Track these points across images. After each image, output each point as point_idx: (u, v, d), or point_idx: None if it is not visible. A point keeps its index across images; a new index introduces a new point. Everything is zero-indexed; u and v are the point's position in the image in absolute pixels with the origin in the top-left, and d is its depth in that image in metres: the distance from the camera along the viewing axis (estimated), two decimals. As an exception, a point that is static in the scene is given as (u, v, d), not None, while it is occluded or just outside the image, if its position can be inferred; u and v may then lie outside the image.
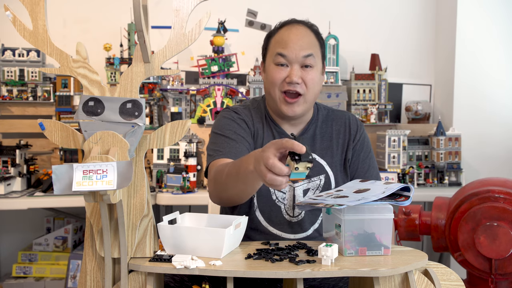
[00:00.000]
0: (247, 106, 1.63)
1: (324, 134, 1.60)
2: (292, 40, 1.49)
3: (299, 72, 1.48)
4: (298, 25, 1.53)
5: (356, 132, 1.61)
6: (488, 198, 2.04)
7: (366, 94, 3.09)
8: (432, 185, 2.85)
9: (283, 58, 1.49)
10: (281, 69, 1.50)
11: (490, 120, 3.04)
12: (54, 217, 3.01)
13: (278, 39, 1.52)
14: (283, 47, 1.49)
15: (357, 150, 1.60)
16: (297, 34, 1.50)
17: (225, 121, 1.56)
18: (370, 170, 1.60)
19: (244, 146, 1.50)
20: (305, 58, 1.48)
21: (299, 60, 1.48)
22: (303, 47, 1.48)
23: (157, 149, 2.57)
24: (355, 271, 1.05)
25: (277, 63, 1.50)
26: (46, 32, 1.06)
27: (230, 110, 1.60)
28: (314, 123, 1.61)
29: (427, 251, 2.96)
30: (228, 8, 3.02)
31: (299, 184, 1.54)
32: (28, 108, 2.90)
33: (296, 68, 1.48)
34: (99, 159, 0.95)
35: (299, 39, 1.49)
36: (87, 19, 3.06)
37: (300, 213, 1.54)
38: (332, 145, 1.59)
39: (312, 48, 1.50)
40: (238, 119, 1.56)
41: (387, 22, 3.28)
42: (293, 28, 1.52)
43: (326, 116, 1.64)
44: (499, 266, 2.00)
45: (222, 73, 2.92)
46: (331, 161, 1.57)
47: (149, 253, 1.11)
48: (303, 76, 1.49)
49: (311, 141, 1.58)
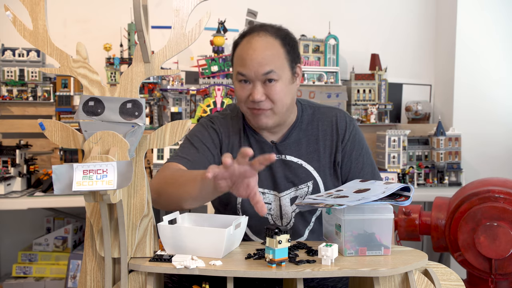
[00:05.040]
0: (227, 115, 1.57)
1: (310, 136, 1.52)
2: (250, 57, 1.39)
3: (261, 89, 1.40)
4: (258, 36, 1.42)
5: (344, 131, 1.52)
6: (488, 198, 2.04)
7: (366, 94, 3.09)
8: (432, 185, 2.85)
9: (243, 76, 1.42)
10: (244, 86, 1.43)
11: (490, 120, 3.04)
12: (54, 217, 3.01)
13: (239, 53, 1.44)
14: (241, 65, 1.41)
15: (348, 151, 1.52)
16: (255, 49, 1.40)
17: (198, 128, 1.55)
18: (364, 169, 1.53)
19: (205, 157, 1.47)
20: (265, 75, 1.40)
21: (260, 77, 1.40)
22: (262, 64, 1.39)
23: (157, 149, 2.57)
24: (355, 271, 1.05)
25: (239, 80, 1.44)
26: (46, 32, 1.06)
27: (208, 118, 1.58)
28: (298, 126, 1.53)
29: (427, 251, 2.96)
30: (228, 8, 3.02)
31: (284, 193, 1.50)
32: (28, 108, 2.90)
33: (258, 86, 1.40)
34: (99, 159, 0.95)
35: (258, 55, 1.39)
36: (87, 19, 3.06)
37: (289, 222, 1.50)
38: (319, 147, 1.51)
39: (273, 61, 1.40)
40: (211, 129, 1.53)
41: (387, 22, 3.28)
42: (252, 40, 1.42)
43: (311, 116, 1.55)
44: (499, 266, 2.00)
45: (222, 73, 2.92)
46: (318, 166, 1.50)
47: (149, 253, 1.11)
48: (267, 92, 1.41)
49: (295, 146, 1.51)
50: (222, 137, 1.53)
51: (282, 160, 1.51)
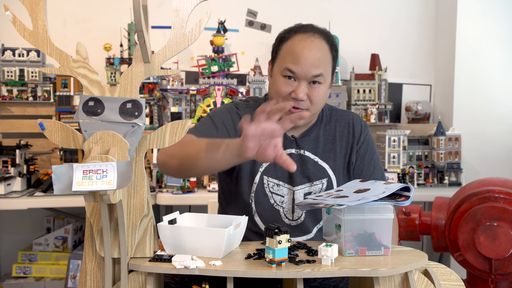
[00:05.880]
0: (250, 105, 1.59)
1: (327, 136, 1.56)
2: (304, 55, 1.41)
3: (305, 89, 1.43)
4: (313, 37, 1.44)
5: (360, 134, 1.57)
6: (488, 198, 2.04)
7: (366, 94, 3.09)
8: (432, 185, 2.85)
9: (291, 73, 1.43)
10: (288, 82, 1.44)
11: (490, 120, 3.04)
12: (54, 217, 3.01)
13: (290, 49, 1.44)
14: (293, 62, 1.42)
15: (362, 153, 1.56)
16: (310, 49, 1.42)
17: (222, 109, 1.55)
18: (375, 173, 1.57)
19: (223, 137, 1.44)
20: (314, 77, 1.42)
21: (308, 78, 1.42)
22: (314, 65, 1.41)
23: (157, 149, 2.56)
24: (355, 271, 1.05)
25: (285, 76, 1.44)
26: (46, 32, 1.06)
27: (234, 104, 1.58)
28: (318, 125, 1.56)
29: (427, 251, 2.96)
30: (228, 8, 3.02)
31: (299, 187, 1.51)
32: (28, 108, 2.90)
33: (303, 85, 1.43)
34: (99, 159, 0.95)
35: (312, 55, 1.41)
36: (87, 19, 3.06)
37: (300, 216, 1.51)
38: (335, 147, 1.55)
39: (323, 66, 1.44)
40: (235, 114, 1.53)
41: (387, 22, 3.28)
42: (308, 40, 1.43)
43: (329, 117, 1.59)
44: (499, 266, 2.00)
45: (222, 73, 2.92)
46: (334, 165, 1.54)
47: (149, 253, 1.11)
48: (310, 93, 1.43)
49: (314, 143, 1.54)
50: None
51: (300, 155, 1.53)
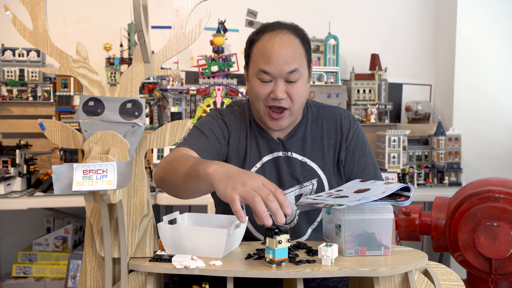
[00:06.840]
0: (234, 110, 1.57)
1: (315, 134, 1.53)
2: (275, 53, 1.38)
3: (283, 87, 1.40)
4: (282, 33, 1.41)
5: (348, 130, 1.53)
6: (488, 198, 2.04)
7: (366, 94, 3.09)
8: (432, 185, 2.85)
9: (266, 74, 1.40)
10: (265, 84, 1.42)
11: (490, 120, 3.04)
12: (54, 217, 3.01)
13: (261, 49, 1.42)
14: (266, 62, 1.39)
15: (351, 150, 1.53)
16: (280, 46, 1.39)
17: (207, 118, 1.55)
18: (367, 168, 1.54)
19: (214, 145, 1.46)
20: (289, 73, 1.39)
21: (284, 75, 1.40)
22: (287, 61, 1.39)
23: (157, 149, 2.57)
24: (355, 271, 1.05)
25: (260, 78, 1.42)
26: (46, 32, 1.06)
27: (217, 111, 1.58)
28: (304, 124, 1.54)
29: (427, 251, 2.96)
30: (228, 8, 3.02)
31: (289, 190, 1.50)
32: (28, 108, 2.90)
33: (280, 84, 1.40)
34: (99, 159, 0.95)
35: (283, 52, 1.38)
36: (87, 19, 3.06)
37: (293, 220, 1.50)
38: (323, 146, 1.52)
39: (297, 60, 1.41)
40: (221, 120, 1.53)
41: (387, 22, 3.28)
42: (276, 37, 1.40)
43: (316, 114, 1.56)
44: (499, 266, 2.00)
45: (222, 73, 2.92)
46: (323, 164, 1.51)
47: (149, 253, 1.11)
48: (288, 90, 1.41)
49: (300, 144, 1.52)
50: (231, 130, 1.53)
51: (288, 157, 1.52)
